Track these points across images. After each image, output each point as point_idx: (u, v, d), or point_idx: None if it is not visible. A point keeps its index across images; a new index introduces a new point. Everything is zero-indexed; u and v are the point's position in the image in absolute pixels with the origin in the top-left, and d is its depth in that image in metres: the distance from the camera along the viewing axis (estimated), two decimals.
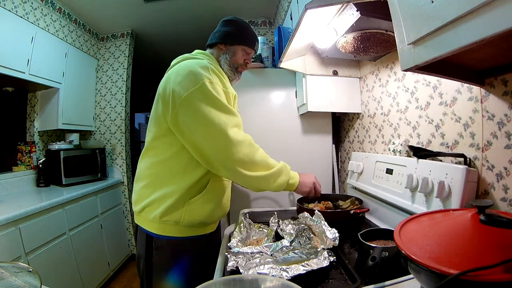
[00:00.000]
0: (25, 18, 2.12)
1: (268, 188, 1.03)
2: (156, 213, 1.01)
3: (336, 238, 0.86)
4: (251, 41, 1.17)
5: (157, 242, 1.04)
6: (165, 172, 1.03)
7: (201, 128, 0.94)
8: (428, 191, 0.89)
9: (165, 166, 1.03)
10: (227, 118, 0.96)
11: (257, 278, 0.62)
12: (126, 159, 3.05)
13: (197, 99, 0.94)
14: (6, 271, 0.63)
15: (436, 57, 0.53)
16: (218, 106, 0.96)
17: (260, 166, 0.99)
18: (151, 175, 1.05)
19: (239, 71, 1.19)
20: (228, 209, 1.19)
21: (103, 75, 3.12)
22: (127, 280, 2.66)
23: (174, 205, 1.00)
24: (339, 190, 1.84)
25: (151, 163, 1.06)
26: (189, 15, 2.83)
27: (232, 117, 0.98)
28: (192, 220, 1.03)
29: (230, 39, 1.14)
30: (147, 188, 1.05)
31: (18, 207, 1.64)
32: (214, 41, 1.16)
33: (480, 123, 0.81)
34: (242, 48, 1.16)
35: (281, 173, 1.04)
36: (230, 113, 0.98)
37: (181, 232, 1.04)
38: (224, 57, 1.15)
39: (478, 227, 0.46)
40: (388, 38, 1.03)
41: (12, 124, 2.46)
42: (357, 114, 1.63)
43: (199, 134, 0.94)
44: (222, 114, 0.95)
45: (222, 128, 0.93)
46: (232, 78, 1.18)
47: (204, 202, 1.04)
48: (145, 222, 1.06)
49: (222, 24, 1.19)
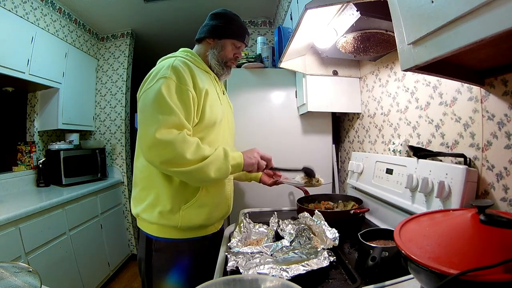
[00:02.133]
0: (25, 18, 2.12)
1: (209, 178, 0.95)
2: (153, 216, 1.01)
3: (336, 238, 0.86)
4: (240, 34, 1.13)
5: (156, 244, 1.04)
6: (154, 175, 1.03)
7: (139, 127, 0.96)
8: (428, 191, 0.89)
9: (154, 169, 1.01)
10: (162, 118, 0.90)
11: (257, 278, 0.62)
12: (126, 159, 3.05)
13: (142, 99, 0.97)
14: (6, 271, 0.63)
15: (436, 57, 0.53)
16: (159, 106, 0.92)
17: (194, 161, 0.92)
18: (143, 179, 1.06)
19: (228, 65, 1.16)
20: (229, 208, 1.18)
21: (103, 75, 3.12)
22: (127, 280, 2.66)
23: (170, 210, 1.00)
24: (339, 190, 1.84)
25: (142, 166, 1.06)
26: (189, 15, 2.83)
27: (171, 117, 0.91)
28: (190, 224, 1.03)
29: (218, 33, 1.11)
30: (142, 192, 1.06)
31: (18, 207, 1.63)
32: (202, 35, 1.13)
33: (480, 123, 0.81)
34: (231, 42, 1.12)
35: (217, 159, 0.96)
36: (170, 114, 0.91)
37: (180, 234, 1.04)
38: (212, 52, 1.12)
39: (478, 227, 0.46)
40: (388, 38, 1.03)
41: (12, 124, 2.46)
42: (357, 114, 1.63)
43: (138, 134, 0.96)
44: (158, 114, 0.91)
45: (150, 128, 0.90)
46: (221, 73, 1.15)
47: (199, 206, 1.04)
48: (144, 225, 1.07)
49: (210, 17, 1.15)
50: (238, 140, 1.40)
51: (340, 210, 1.22)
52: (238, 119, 1.53)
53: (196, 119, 1.00)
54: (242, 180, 1.41)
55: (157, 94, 0.92)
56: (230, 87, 1.76)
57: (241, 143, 1.52)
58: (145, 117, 0.95)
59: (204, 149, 0.95)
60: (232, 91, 1.74)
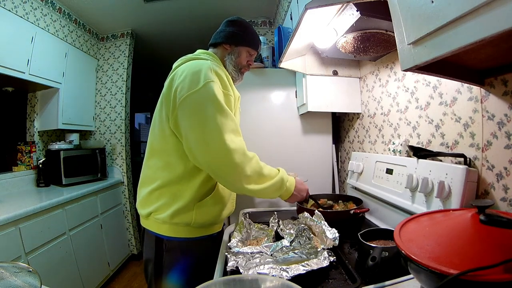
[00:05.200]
0: (25, 18, 2.12)
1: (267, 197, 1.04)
2: (166, 216, 1.00)
3: (336, 238, 0.86)
4: (255, 43, 1.18)
5: (167, 244, 1.03)
6: (171, 176, 1.01)
7: (193, 131, 0.91)
8: (428, 191, 0.89)
9: (172, 169, 1.01)
10: (225, 122, 0.92)
11: (257, 278, 0.62)
12: (126, 159, 3.05)
13: (193, 102, 0.92)
14: (6, 271, 0.63)
15: (436, 57, 0.53)
16: (217, 110, 0.92)
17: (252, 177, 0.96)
18: (157, 179, 1.03)
19: (242, 72, 1.19)
20: (234, 207, 1.20)
21: (103, 75, 3.12)
22: (127, 280, 2.66)
23: (185, 208, 1.00)
24: (339, 190, 1.84)
25: (157, 167, 1.04)
26: (189, 15, 2.83)
27: (230, 122, 0.94)
28: (203, 221, 1.03)
29: (235, 40, 1.14)
30: (154, 192, 1.03)
31: (18, 207, 1.63)
32: (219, 41, 1.15)
33: (480, 123, 0.81)
34: (246, 49, 1.16)
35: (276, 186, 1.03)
36: (228, 118, 0.94)
37: (191, 233, 1.04)
38: (229, 58, 1.14)
39: (478, 227, 0.46)
40: (388, 38, 1.03)
41: (12, 124, 2.46)
42: (357, 114, 1.63)
43: (194, 138, 0.91)
44: (219, 118, 0.91)
45: (213, 134, 0.89)
46: (236, 78, 1.18)
47: (213, 203, 1.05)
48: (154, 225, 1.05)
49: (227, 24, 1.18)
50: None
51: (340, 210, 1.22)
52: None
53: None
54: None
55: (213, 98, 0.91)
56: None
57: None
58: (202, 121, 0.91)
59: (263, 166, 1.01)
60: None
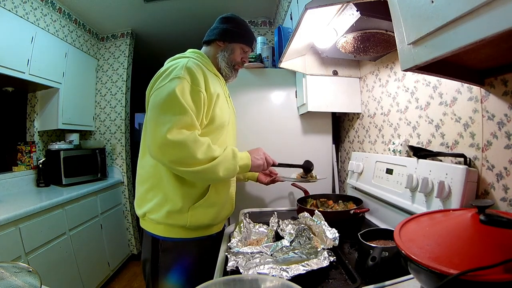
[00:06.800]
0: (25, 18, 2.12)
1: (217, 178, 0.97)
2: (161, 216, 1.00)
3: (336, 238, 0.86)
4: (249, 39, 1.17)
5: (163, 244, 1.04)
6: (163, 174, 1.02)
7: (149, 125, 0.94)
8: (428, 191, 0.89)
9: (162, 168, 1.02)
10: (175, 118, 0.90)
11: (257, 278, 0.62)
12: (126, 159, 3.05)
13: (154, 97, 0.95)
14: (6, 271, 0.63)
15: (436, 57, 0.53)
16: (172, 105, 0.91)
17: (204, 161, 0.93)
18: (150, 178, 1.05)
19: (236, 69, 1.19)
20: (233, 208, 1.20)
21: (103, 75, 3.11)
22: (127, 280, 2.66)
23: (179, 210, 1.00)
24: (339, 190, 1.84)
25: (149, 166, 1.05)
26: (189, 15, 2.82)
27: (183, 117, 0.91)
28: (198, 223, 1.03)
29: (229, 37, 1.13)
30: (149, 192, 1.05)
31: (18, 207, 1.63)
32: (212, 38, 1.15)
33: (480, 123, 0.81)
34: (240, 46, 1.16)
35: (226, 160, 0.98)
36: (182, 113, 0.91)
37: (187, 234, 1.04)
38: (222, 54, 1.14)
39: (478, 227, 0.46)
40: (388, 38, 1.03)
41: (12, 124, 2.46)
42: (357, 114, 1.63)
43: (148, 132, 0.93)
44: (171, 114, 0.91)
45: (161, 128, 0.89)
46: (229, 76, 1.18)
47: (208, 206, 1.04)
48: (150, 225, 1.06)
49: (221, 20, 1.18)
50: (238, 140, 1.40)
51: (340, 210, 1.22)
52: (238, 119, 1.53)
53: (205, 121, 1.01)
54: (239, 180, 1.41)
55: (171, 94, 0.92)
56: (230, 87, 1.72)
57: (241, 143, 1.52)
58: (156, 115, 0.93)
59: (214, 149, 0.96)
60: (232, 91, 1.72)
